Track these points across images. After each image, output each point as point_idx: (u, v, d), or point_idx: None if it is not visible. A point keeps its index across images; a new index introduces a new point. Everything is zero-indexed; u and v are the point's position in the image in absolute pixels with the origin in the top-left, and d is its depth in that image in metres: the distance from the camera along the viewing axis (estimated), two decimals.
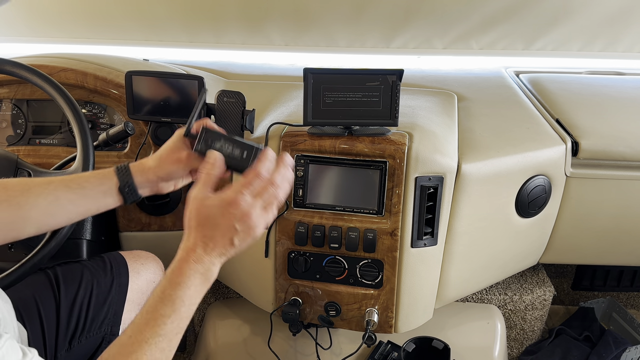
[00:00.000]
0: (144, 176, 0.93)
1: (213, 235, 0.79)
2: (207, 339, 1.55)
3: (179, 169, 0.94)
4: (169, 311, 0.75)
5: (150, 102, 1.25)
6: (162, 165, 0.94)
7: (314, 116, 1.15)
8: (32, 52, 1.50)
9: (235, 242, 0.80)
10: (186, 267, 0.77)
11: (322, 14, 1.88)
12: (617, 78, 1.81)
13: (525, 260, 1.50)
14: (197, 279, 0.78)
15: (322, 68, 1.13)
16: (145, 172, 0.93)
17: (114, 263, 1.12)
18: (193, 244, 0.78)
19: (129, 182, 0.92)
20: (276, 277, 1.29)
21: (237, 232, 0.80)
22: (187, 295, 0.76)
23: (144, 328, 0.74)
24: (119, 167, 0.93)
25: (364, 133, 1.17)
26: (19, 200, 0.85)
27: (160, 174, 0.94)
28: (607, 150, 1.36)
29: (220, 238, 0.79)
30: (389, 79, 1.12)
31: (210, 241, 0.79)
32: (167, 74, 1.27)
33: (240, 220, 0.79)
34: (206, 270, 0.79)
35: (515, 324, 1.66)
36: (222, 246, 0.80)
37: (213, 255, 0.79)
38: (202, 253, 0.78)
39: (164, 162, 0.94)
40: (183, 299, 0.76)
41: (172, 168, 0.93)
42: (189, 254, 0.78)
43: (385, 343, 1.48)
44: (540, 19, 1.86)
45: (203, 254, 0.78)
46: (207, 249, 0.79)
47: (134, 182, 0.92)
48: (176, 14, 1.91)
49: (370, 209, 1.20)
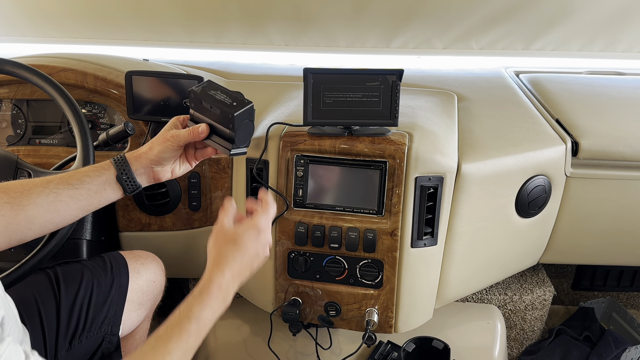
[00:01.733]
0: (138, 162, 0.96)
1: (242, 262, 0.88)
2: (207, 339, 1.55)
3: (167, 149, 0.96)
4: (194, 329, 0.80)
5: (150, 102, 1.25)
6: (152, 147, 0.96)
7: (314, 116, 1.15)
8: (32, 52, 1.50)
9: (254, 267, 0.91)
10: (214, 289, 0.84)
11: (322, 14, 1.88)
12: (617, 78, 1.81)
13: (525, 260, 1.50)
14: (219, 301, 0.84)
15: (322, 68, 1.13)
16: (139, 158, 0.96)
17: (114, 263, 1.12)
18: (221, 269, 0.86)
19: (126, 170, 0.94)
20: (276, 277, 1.29)
21: (259, 258, 0.91)
22: (208, 316, 0.83)
23: (168, 341, 0.78)
24: (115, 157, 0.95)
25: (364, 133, 1.17)
26: (20, 201, 0.86)
27: (151, 156, 0.96)
28: (607, 150, 1.36)
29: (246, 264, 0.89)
30: (389, 79, 1.12)
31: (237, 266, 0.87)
32: (167, 74, 1.27)
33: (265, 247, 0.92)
34: (227, 294, 0.86)
35: (515, 324, 1.66)
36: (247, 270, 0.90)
37: (236, 280, 0.87)
38: (230, 278, 0.86)
39: (153, 144, 0.97)
40: (205, 320, 0.82)
41: (160, 147, 0.96)
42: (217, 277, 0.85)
43: (385, 343, 1.48)
44: (540, 19, 1.86)
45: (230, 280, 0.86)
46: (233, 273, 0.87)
47: (131, 170, 0.94)
48: (176, 14, 1.91)
49: (370, 209, 1.20)
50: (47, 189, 0.88)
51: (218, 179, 1.33)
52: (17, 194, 0.87)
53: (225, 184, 1.33)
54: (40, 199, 0.87)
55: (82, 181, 0.91)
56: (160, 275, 1.22)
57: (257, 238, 0.91)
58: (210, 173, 1.32)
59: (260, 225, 0.92)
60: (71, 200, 0.90)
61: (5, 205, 0.85)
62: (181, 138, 0.96)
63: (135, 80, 1.24)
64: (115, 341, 1.09)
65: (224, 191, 1.33)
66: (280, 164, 1.20)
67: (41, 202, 0.88)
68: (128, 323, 1.13)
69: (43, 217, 0.88)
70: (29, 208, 0.87)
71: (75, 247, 1.33)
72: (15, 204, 0.86)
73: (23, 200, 0.86)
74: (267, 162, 1.21)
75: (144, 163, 0.96)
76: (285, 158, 1.20)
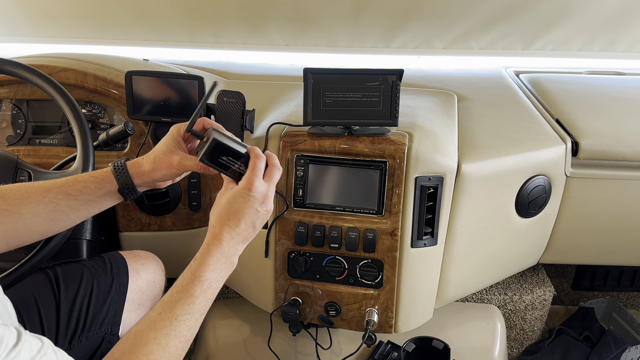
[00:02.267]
0: (140, 178, 0.95)
1: (238, 222, 0.85)
2: (207, 339, 1.55)
3: (171, 174, 0.95)
4: (199, 291, 0.80)
5: (150, 102, 1.25)
6: (156, 169, 0.95)
7: (314, 116, 1.15)
8: (32, 52, 1.50)
9: (256, 225, 0.87)
10: (215, 251, 0.83)
11: (322, 14, 1.88)
12: (617, 78, 1.81)
13: (525, 260, 1.50)
14: (223, 263, 0.84)
15: (322, 68, 1.13)
16: (141, 175, 0.95)
17: (114, 263, 1.12)
18: (219, 231, 0.84)
19: (127, 184, 0.93)
20: (276, 277, 1.29)
21: (259, 215, 0.87)
22: (214, 277, 0.82)
23: (174, 305, 0.78)
24: (116, 166, 0.94)
25: (364, 133, 1.17)
26: (19, 209, 0.87)
27: (154, 177, 0.95)
28: (607, 150, 1.36)
29: (244, 224, 0.85)
30: (389, 79, 1.12)
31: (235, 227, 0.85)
32: (167, 74, 1.27)
33: (262, 203, 0.87)
34: (231, 255, 0.85)
35: (515, 324, 1.66)
36: (246, 230, 0.86)
37: (238, 241, 0.85)
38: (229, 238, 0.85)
39: (157, 166, 0.95)
40: (211, 281, 0.82)
41: (165, 172, 0.95)
42: (216, 240, 0.84)
43: (385, 343, 1.48)
44: (540, 19, 1.86)
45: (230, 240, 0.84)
46: (233, 234, 0.85)
47: (132, 183, 0.94)
48: (176, 14, 1.91)
49: (370, 209, 1.20)
50: (46, 198, 0.88)
51: (218, 179, 1.33)
52: (16, 202, 0.86)
53: None
54: (38, 208, 0.87)
55: (82, 192, 0.91)
56: (160, 275, 1.22)
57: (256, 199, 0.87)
58: None
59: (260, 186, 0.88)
60: (70, 211, 0.91)
61: (4, 212, 0.85)
62: (189, 168, 0.94)
63: (135, 80, 1.24)
64: (115, 341, 1.09)
65: None
66: (281, 164, 1.20)
67: (40, 211, 0.88)
68: (128, 323, 1.12)
69: (41, 225, 0.89)
70: (27, 217, 0.87)
71: (75, 247, 1.33)
72: (13, 212, 0.86)
73: (21, 208, 0.87)
74: None
75: (146, 180, 0.95)
76: (285, 158, 1.20)
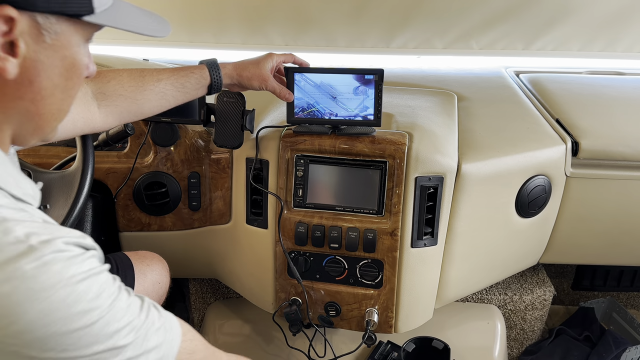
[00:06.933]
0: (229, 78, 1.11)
1: None
2: (207, 339, 1.54)
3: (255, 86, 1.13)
4: None
5: None
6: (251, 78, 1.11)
7: (297, 114, 1.16)
8: None
9: None
10: None
11: (322, 14, 1.88)
12: (617, 78, 1.81)
13: (525, 260, 1.50)
14: None
15: (305, 67, 1.14)
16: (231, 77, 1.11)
17: (120, 265, 1.12)
18: None
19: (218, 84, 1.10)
20: (276, 277, 1.29)
21: None
22: None
23: None
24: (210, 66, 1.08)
25: (349, 132, 1.17)
26: (135, 95, 1.03)
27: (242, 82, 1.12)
28: (607, 150, 1.36)
29: None
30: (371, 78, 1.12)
31: None
32: None
33: None
34: None
35: (515, 324, 1.66)
36: None
37: None
38: None
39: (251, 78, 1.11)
40: None
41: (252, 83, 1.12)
42: None
43: (385, 343, 1.48)
44: (540, 19, 1.86)
45: None
46: None
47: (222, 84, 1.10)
48: (176, 14, 1.91)
49: (370, 209, 1.20)
50: (157, 87, 1.05)
51: (218, 179, 1.33)
52: (132, 89, 1.02)
53: (225, 184, 1.32)
54: (151, 96, 1.05)
55: (184, 86, 1.07)
56: (166, 276, 1.22)
57: None
58: (210, 173, 1.32)
59: None
60: (172, 99, 1.08)
61: (120, 97, 1.02)
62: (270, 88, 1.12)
63: None
64: None
65: (224, 191, 1.33)
66: (280, 164, 1.20)
67: (151, 98, 1.05)
68: None
69: (150, 109, 1.07)
70: (141, 102, 1.04)
71: None
72: (129, 97, 1.02)
73: (137, 94, 1.03)
74: (267, 162, 1.21)
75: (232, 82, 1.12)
76: (285, 158, 1.20)
